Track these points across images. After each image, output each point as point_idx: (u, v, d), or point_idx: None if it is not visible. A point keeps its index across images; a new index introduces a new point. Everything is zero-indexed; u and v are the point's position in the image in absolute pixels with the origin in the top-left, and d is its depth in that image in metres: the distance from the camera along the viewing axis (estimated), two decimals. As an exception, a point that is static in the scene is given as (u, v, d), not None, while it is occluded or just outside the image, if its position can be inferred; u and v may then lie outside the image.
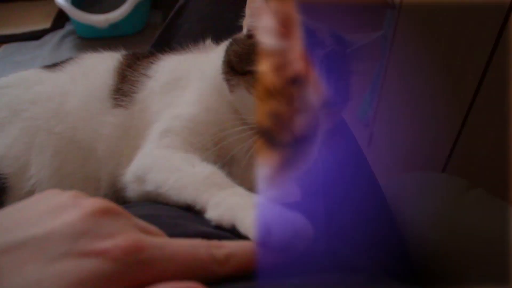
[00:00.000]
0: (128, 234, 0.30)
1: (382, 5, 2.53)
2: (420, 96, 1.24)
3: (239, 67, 0.56)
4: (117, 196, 0.61)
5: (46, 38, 2.15)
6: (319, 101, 0.52)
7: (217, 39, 0.71)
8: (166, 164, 0.54)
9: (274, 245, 0.35)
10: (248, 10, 0.56)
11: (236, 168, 0.59)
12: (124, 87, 0.67)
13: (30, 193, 0.64)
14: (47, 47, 2.07)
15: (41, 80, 0.71)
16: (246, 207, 0.41)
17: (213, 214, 0.43)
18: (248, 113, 0.57)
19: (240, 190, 0.46)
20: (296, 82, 0.51)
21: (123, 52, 0.76)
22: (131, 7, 1.98)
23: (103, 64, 0.72)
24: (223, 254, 0.33)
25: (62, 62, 0.75)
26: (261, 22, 0.55)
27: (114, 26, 2.01)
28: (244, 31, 0.59)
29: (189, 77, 0.65)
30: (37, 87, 0.69)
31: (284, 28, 0.53)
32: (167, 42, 0.89)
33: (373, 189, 0.72)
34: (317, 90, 0.52)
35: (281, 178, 0.62)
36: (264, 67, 0.53)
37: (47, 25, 2.24)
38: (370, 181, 0.73)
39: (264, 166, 0.60)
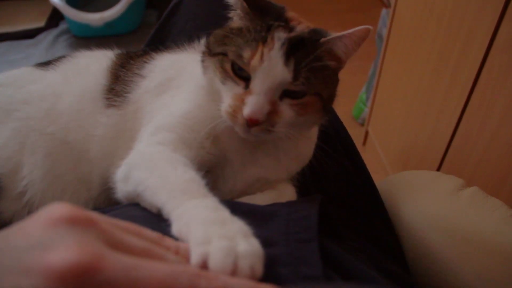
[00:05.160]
0: (87, 248, 0.24)
1: (377, 4, 2.53)
2: (415, 95, 1.25)
3: (212, 47, 0.56)
4: (110, 196, 0.61)
5: (40, 36, 2.14)
6: (270, 85, 0.50)
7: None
8: (149, 162, 0.52)
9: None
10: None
11: (229, 169, 0.59)
12: (117, 87, 0.66)
13: (22, 194, 0.63)
14: (41, 46, 2.06)
15: (33, 79, 0.70)
16: (203, 223, 0.38)
17: (175, 228, 0.40)
18: (219, 99, 0.55)
19: (210, 203, 0.42)
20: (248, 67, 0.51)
21: (117, 51, 0.75)
22: (126, 6, 1.97)
23: (96, 63, 0.71)
24: None
25: (55, 60, 0.74)
26: (238, 6, 0.55)
27: (109, 24, 2.00)
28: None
29: (181, 77, 0.65)
30: (30, 86, 0.68)
31: (255, 13, 0.53)
32: (162, 41, 0.88)
33: (368, 188, 0.72)
34: (268, 75, 0.50)
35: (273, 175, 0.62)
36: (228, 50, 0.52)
37: (41, 23, 2.22)
38: (365, 179, 0.73)
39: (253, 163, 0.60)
